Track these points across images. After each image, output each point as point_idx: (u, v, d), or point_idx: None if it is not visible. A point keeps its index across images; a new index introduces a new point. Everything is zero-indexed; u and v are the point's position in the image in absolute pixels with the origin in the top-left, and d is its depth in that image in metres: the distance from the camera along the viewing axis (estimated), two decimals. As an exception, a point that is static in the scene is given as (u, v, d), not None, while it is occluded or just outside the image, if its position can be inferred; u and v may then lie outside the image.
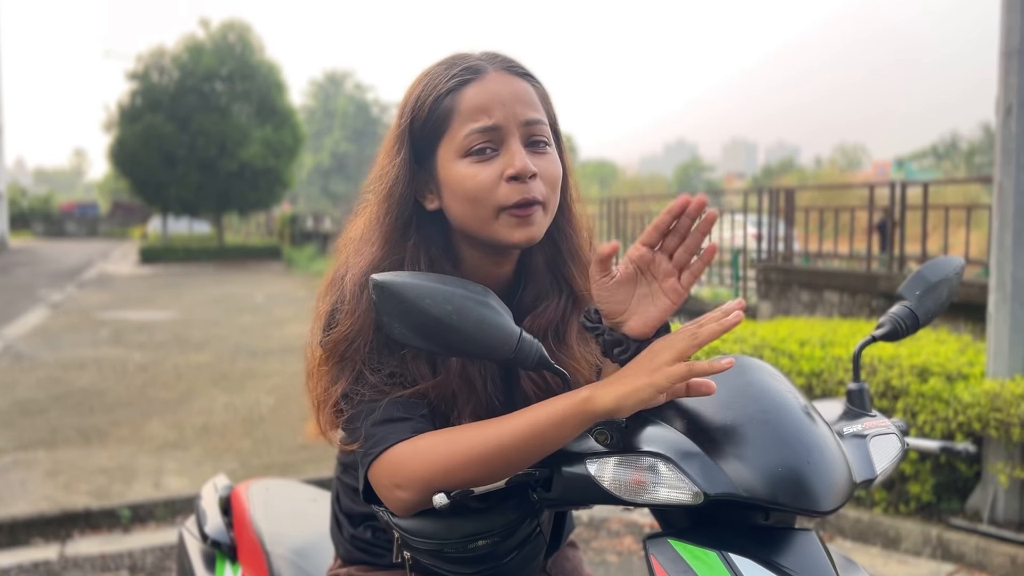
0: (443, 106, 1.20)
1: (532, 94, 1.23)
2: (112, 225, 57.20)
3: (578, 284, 1.32)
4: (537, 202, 1.20)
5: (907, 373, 4.05)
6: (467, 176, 1.19)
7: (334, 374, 1.22)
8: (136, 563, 3.96)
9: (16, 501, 4.55)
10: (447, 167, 1.21)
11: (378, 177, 1.27)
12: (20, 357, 9.16)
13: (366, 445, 1.15)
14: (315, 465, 5.17)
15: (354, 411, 1.19)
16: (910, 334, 1.40)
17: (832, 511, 1.07)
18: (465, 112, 1.19)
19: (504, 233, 1.20)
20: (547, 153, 1.23)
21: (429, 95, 1.22)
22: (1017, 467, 3.81)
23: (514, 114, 1.20)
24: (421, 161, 1.24)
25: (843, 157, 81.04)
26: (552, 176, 1.22)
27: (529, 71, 1.26)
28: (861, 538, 4.14)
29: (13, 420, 6.32)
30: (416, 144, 1.24)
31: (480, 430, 1.10)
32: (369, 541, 1.39)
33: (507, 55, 1.27)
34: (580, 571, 1.50)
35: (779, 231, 8.36)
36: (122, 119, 28.70)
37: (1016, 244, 3.92)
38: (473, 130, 1.18)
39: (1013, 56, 3.89)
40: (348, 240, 1.32)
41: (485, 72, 1.21)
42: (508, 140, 1.19)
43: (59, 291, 16.95)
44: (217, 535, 1.84)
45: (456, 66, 1.22)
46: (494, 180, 1.18)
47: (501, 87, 1.20)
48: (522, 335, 1.05)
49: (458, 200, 1.21)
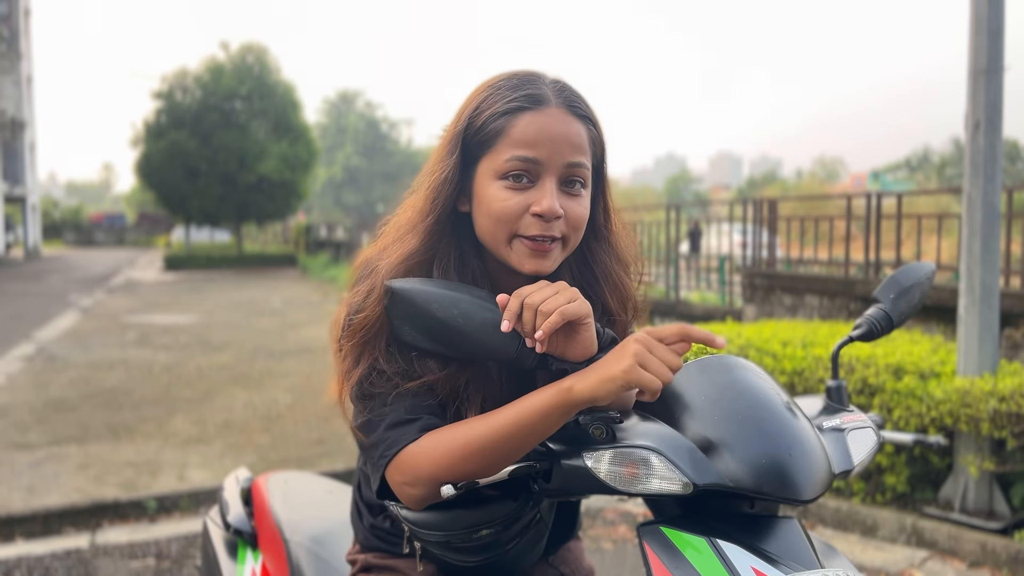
0: (496, 124, 1.17)
1: (583, 137, 1.20)
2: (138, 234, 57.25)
3: (610, 304, 1.30)
4: (555, 240, 1.18)
5: (883, 372, 4.05)
6: (497, 198, 1.17)
7: (355, 355, 1.20)
8: (162, 551, 3.96)
9: (49, 493, 4.55)
10: (483, 182, 1.19)
11: (430, 172, 1.24)
12: (53, 358, 9.17)
13: (380, 449, 1.15)
14: (330, 459, 5.17)
15: (369, 422, 1.17)
16: (885, 334, 1.40)
17: (812, 500, 1.07)
18: (514, 137, 1.16)
19: (516, 260, 1.19)
20: (579, 195, 1.20)
21: (488, 108, 1.19)
22: (986, 459, 3.81)
23: (559, 153, 1.17)
24: (465, 167, 1.22)
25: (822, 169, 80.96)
26: (577, 218, 1.20)
27: (590, 112, 1.22)
28: (841, 526, 4.14)
29: (47, 417, 6.32)
30: (465, 150, 1.21)
31: (475, 424, 1.10)
32: (387, 530, 1.39)
33: (575, 90, 1.22)
34: (581, 560, 1.50)
35: (763, 239, 8.36)
36: (148, 135, 28.75)
37: (984, 251, 3.93)
38: (516, 157, 1.16)
39: (980, 76, 3.90)
40: (394, 226, 1.29)
41: (547, 104, 1.18)
42: (544, 177, 1.17)
43: (89, 296, 16.95)
44: (239, 524, 1.84)
45: (521, 88, 1.19)
46: (520, 210, 1.16)
47: (555, 124, 1.17)
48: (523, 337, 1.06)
49: (483, 215, 1.19)
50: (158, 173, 28.38)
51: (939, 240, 6.37)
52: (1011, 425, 3.61)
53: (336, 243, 26.87)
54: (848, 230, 7.12)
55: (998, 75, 3.89)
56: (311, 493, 1.93)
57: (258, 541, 1.81)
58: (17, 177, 35.71)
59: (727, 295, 9.48)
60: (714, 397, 1.11)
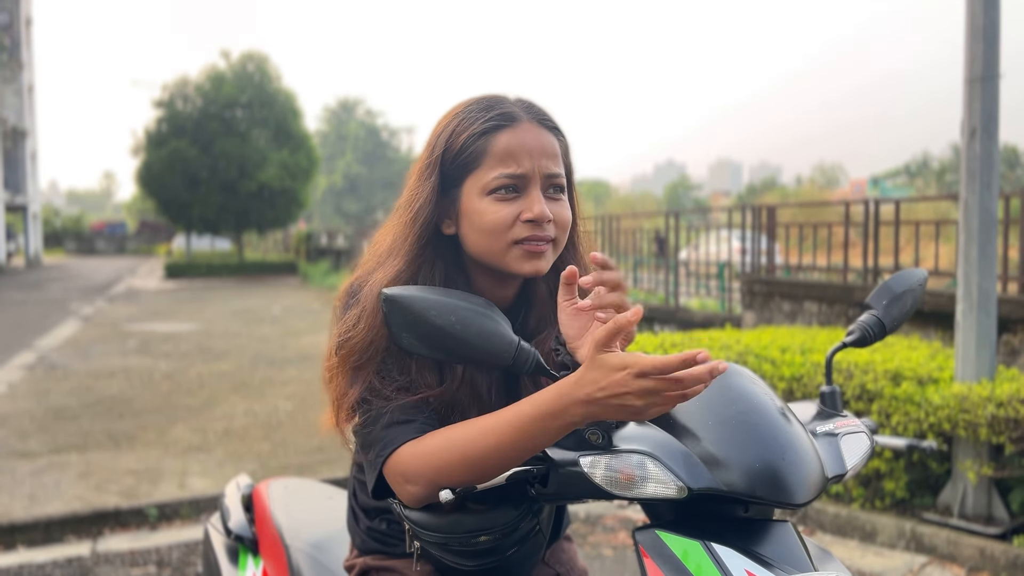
0: (476, 146, 1.24)
1: (557, 148, 1.28)
2: (139, 243, 57.25)
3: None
4: (549, 240, 1.25)
5: (881, 377, 4.06)
6: (489, 212, 1.23)
7: (349, 379, 1.24)
8: (163, 558, 3.97)
9: (51, 501, 4.56)
10: (471, 201, 1.24)
11: (408, 199, 1.29)
12: (54, 367, 9.18)
13: (377, 447, 1.18)
14: (330, 466, 5.18)
15: (367, 421, 1.21)
16: (878, 340, 1.42)
17: (805, 504, 1.09)
18: (496, 156, 1.23)
19: (515, 264, 1.24)
20: (561, 200, 1.28)
21: (464, 132, 1.25)
22: (984, 465, 3.82)
23: (540, 166, 1.24)
24: (446, 190, 1.27)
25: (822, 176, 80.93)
26: (563, 220, 1.27)
27: (557, 125, 1.30)
28: (840, 532, 4.14)
29: (48, 425, 6.33)
30: (444, 174, 1.26)
31: (472, 431, 1.11)
32: (384, 532, 1.42)
33: (540, 106, 1.30)
34: (575, 563, 1.52)
35: (762, 245, 8.37)
36: (149, 144, 28.80)
37: (981, 257, 3.94)
38: (502, 174, 1.22)
39: (976, 83, 3.92)
40: (373, 252, 1.34)
41: (518, 121, 1.25)
42: (530, 187, 1.24)
43: (90, 305, 16.97)
44: (240, 530, 1.85)
45: (492, 109, 1.25)
46: (512, 219, 1.23)
47: (532, 139, 1.24)
48: (520, 343, 1.07)
49: (475, 231, 1.25)
50: (159, 181, 28.41)
51: (937, 246, 6.38)
52: (1009, 430, 3.62)
53: (337, 251, 26.90)
54: (847, 237, 7.13)
55: (994, 82, 3.91)
56: (312, 499, 1.95)
57: (259, 547, 1.82)
58: (18, 186, 35.76)
59: (726, 301, 9.49)
60: (708, 402, 1.13)
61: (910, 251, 7.34)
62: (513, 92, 1.31)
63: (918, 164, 58.73)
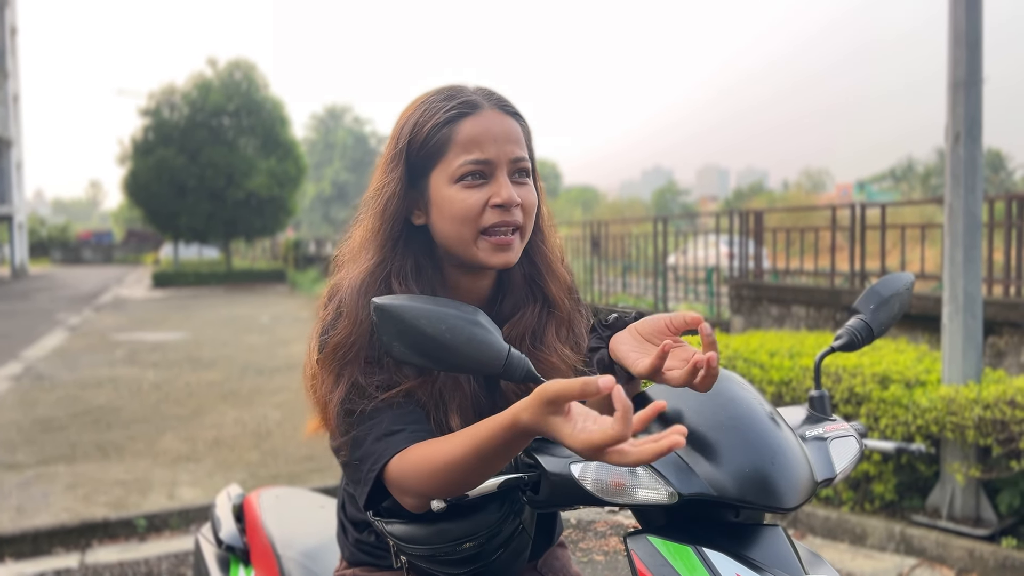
0: (441, 135, 1.24)
1: (519, 133, 1.28)
2: (126, 252, 56.86)
3: (552, 292, 1.37)
4: (516, 227, 1.25)
5: (869, 381, 4.08)
6: (457, 199, 1.23)
7: (333, 380, 1.23)
8: (152, 570, 3.94)
9: (39, 513, 4.53)
10: (439, 190, 1.25)
11: (374, 193, 1.31)
12: (40, 377, 9.11)
13: (368, 462, 1.17)
14: (320, 475, 5.16)
15: (356, 431, 1.19)
16: (866, 344, 1.42)
17: (795, 508, 1.09)
18: (461, 143, 1.23)
19: (483, 256, 1.25)
20: (527, 184, 1.28)
21: (427, 122, 1.25)
22: (972, 467, 3.84)
23: (505, 151, 1.25)
24: (413, 181, 1.28)
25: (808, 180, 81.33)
26: (530, 204, 1.28)
27: (518, 110, 1.31)
28: (830, 535, 4.16)
29: (35, 437, 6.28)
30: (411, 165, 1.27)
31: (455, 442, 1.09)
32: (373, 544, 1.41)
33: (499, 93, 1.31)
34: (568, 569, 1.52)
35: (750, 250, 8.41)
36: (135, 152, 28.64)
37: (966, 260, 3.97)
38: (468, 161, 1.23)
39: (960, 88, 3.96)
40: (347, 251, 1.35)
41: (481, 108, 1.25)
42: (497, 173, 1.24)
43: (77, 314, 16.85)
44: (231, 540, 1.85)
45: (454, 99, 1.26)
46: (480, 205, 1.23)
47: (495, 125, 1.25)
48: (510, 351, 1.07)
49: (445, 219, 1.25)
50: (146, 190, 28.25)
51: (923, 250, 6.43)
52: (996, 432, 3.64)
53: (325, 258, 26.79)
54: (833, 241, 7.17)
55: (977, 87, 3.95)
56: (303, 509, 1.94)
57: (250, 557, 1.81)
58: (3, 196, 35.51)
59: (715, 306, 9.52)
60: (697, 408, 1.14)
61: (896, 255, 7.39)
62: (472, 82, 1.33)
63: (903, 168, 59.12)
